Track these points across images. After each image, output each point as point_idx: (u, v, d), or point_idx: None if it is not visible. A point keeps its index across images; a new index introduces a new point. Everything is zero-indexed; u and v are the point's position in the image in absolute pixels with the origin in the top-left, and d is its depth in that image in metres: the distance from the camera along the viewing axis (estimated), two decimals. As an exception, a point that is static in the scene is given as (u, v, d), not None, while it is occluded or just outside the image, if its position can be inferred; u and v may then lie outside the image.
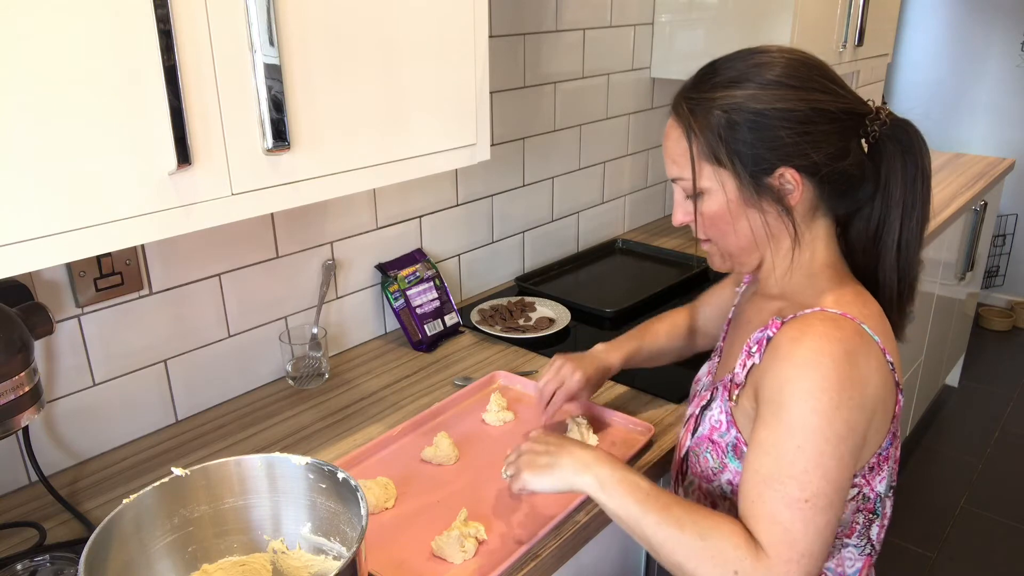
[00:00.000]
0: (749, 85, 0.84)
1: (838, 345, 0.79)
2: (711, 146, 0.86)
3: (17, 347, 0.87)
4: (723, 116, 0.85)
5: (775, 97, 0.83)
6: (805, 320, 0.83)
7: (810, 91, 0.84)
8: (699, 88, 0.88)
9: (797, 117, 0.83)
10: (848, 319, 0.82)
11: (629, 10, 2.02)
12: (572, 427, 1.19)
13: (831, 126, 0.84)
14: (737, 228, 0.89)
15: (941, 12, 3.80)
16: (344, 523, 0.85)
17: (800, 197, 0.86)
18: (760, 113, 0.83)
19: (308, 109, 0.90)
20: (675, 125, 0.90)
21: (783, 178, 0.85)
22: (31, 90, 0.68)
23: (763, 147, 0.84)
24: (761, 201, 0.87)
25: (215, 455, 1.18)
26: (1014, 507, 2.54)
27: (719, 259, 0.95)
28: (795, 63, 0.86)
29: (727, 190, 0.87)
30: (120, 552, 0.77)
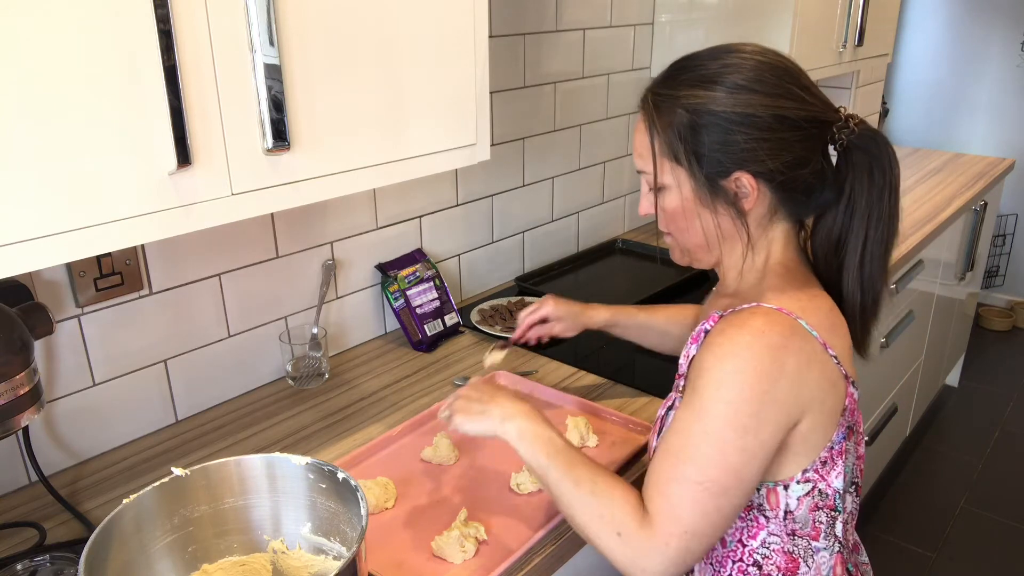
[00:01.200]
0: (715, 87, 0.84)
1: (761, 338, 0.80)
2: (671, 144, 0.87)
3: (17, 347, 0.87)
4: (685, 116, 0.85)
5: (738, 101, 0.83)
6: (739, 314, 0.84)
7: (776, 97, 0.84)
8: (667, 84, 0.89)
9: (758, 123, 0.83)
10: (783, 314, 0.83)
11: (629, 10, 2.02)
12: (572, 427, 1.19)
13: (792, 134, 0.84)
14: (692, 226, 0.91)
15: (941, 12, 3.80)
16: (344, 523, 0.86)
17: (755, 201, 0.87)
18: (721, 116, 0.84)
19: (308, 109, 0.90)
20: (641, 118, 0.91)
21: (739, 182, 0.86)
22: (31, 90, 0.68)
23: (721, 151, 0.85)
24: (716, 203, 0.88)
25: (215, 455, 1.18)
26: (1014, 507, 2.54)
27: (679, 253, 0.97)
28: (765, 67, 0.85)
29: (683, 189, 0.88)
30: (120, 552, 0.77)
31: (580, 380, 1.40)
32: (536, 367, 1.44)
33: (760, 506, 0.87)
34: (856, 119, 0.88)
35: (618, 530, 0.82)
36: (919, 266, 2.24)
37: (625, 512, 0.82)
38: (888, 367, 2.31)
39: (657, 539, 0.80)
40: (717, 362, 0.81)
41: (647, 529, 0.80)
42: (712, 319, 0.88)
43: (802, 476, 0.85)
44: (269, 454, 0.86)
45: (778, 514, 0.87)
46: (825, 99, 0.89)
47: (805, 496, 0.86)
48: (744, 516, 0.89)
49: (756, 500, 0.87)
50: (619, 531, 0.82)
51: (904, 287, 2.16)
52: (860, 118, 0.88)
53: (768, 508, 0.87)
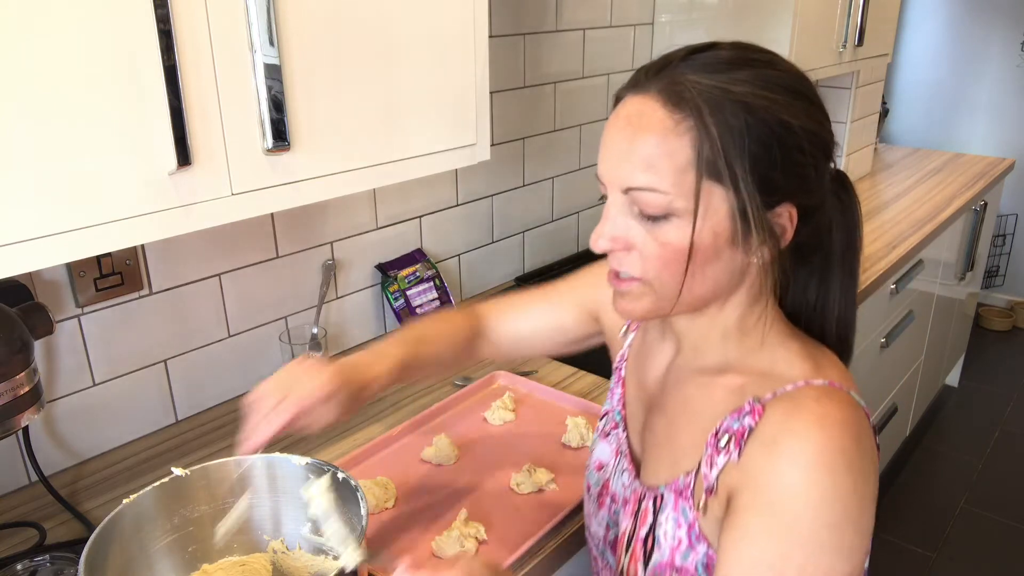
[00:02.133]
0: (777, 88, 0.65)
1: (846, 433, 0.63)
2: (727, 154, 0.63)
3: (17, 347, 0.87)
4: (744, 117, 0.63)
5: (799, 111, 0.65)
6: (795, 401, 0.66)
7: (824, 114, 0.69)
8: (715, 73, 0.65)
9: (817, 142, 0.67)
10: (838, 389, 0.67)
11: (629, 10, 2.02)
12: (572, 427, 1.19)
13: (827, 163, 0.70)
14: (707, 270, 0.68)
15: (941, 12, 3.80)
16: (344, 523, 0.85)
17: (788, 242, 0.69)
18: (789, 128, 0.65)
19: (308, 109, 0.90)
20: (663, 111, 0.65)
21: (781, 217, 0.67)
22: (31, 90, 0.68)
23: (782, 171, 0.65)
24: (752, 240, 0.67)
25: (215, 455, 1.18)
26: (1014, 507, 2.54)
27: (647, 304, 0.70)
28: (803, 74, 0.70)
29: (719, 218, 0.65)
30: (120, 552, 0.77)
31: (580, 380, 1.40)
32: (536, 367, 1.44)
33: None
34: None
35: None
36: (919, 266, 2.24)
37: None
38: (888, 367, 2.31)
39: None
40: (808, 477, 0.62)
41: None
42: (754, 412, 0.67)
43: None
44: (269, 454, 0.86)
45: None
46: None
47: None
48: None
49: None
50: None
51: (904, 287, 2.16)
52: None
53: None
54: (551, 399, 1.32)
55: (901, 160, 2.99)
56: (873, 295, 1.93)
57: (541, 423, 1.25)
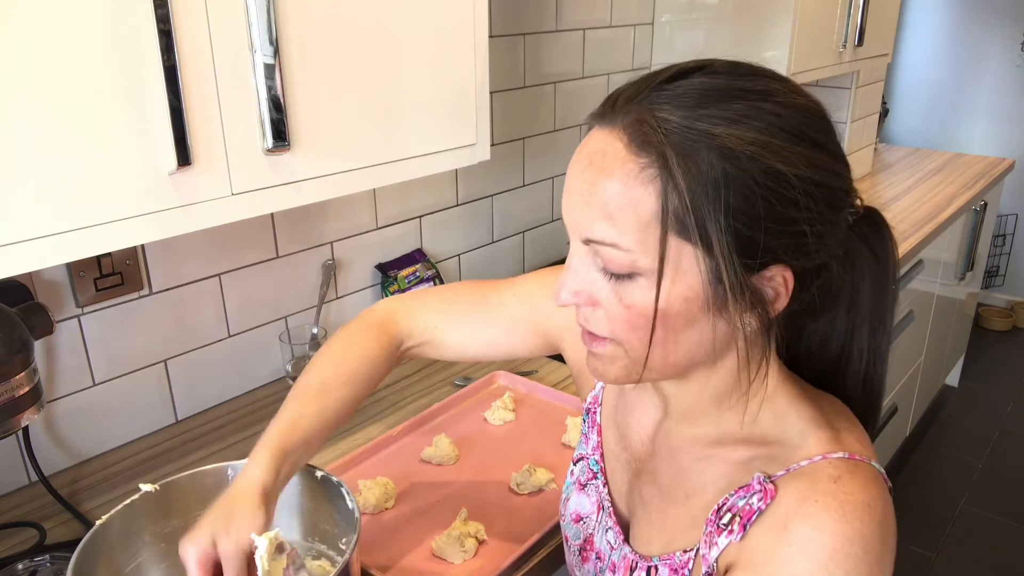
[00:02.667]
0: (770, 128, 0.54)
1: (867, 517, 0.57)
2: (697, 210, 0.53)
3: (17, 347, 0.87)
4: (721, 165, 0.53)
5: (801, 158, 0.54)
6: (812, 480, 0.58)
7: (834, 158, 0.57)
8: (676, 103, 0.55)
9: (822, 195, 0.56)
10: (859, 462, 0.60)
11: (629, 10, 2.02)
12: (572, 427, 1.19)
13: (840, 214, 0.59)
14: (680, 337, 0.59)
15: (941, 12, 3.80)
16: (325, 521, 0.85)
17: (782, 309, 0.59)
18: (781, 178, 0.53)
19: (308, 109, 0.90)
20: (626, 154, 0.55)
21: (772, 281, 0.57)
22: (31, 90, 0.68)
23: (772, 231, 0.54)
24: (735, 307, 0.57)
25: (215, 455, 1.18)
26: (1014, 507, 2.54)
27: (621, 368, 0.62)
28: (816, 111, 0.57)
29: (690, 281, 0.56)
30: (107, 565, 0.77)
31: (580, 380, 1.39)
32: (536, 367, 1.44)
33: None
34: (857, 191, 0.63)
35: None
36: (919, 266, 2.24)
37: None
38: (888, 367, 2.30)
39: None
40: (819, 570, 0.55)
41: None
42: (766, 493, 0.59)
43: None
44: (239, 461, 0.85)
45: None
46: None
47: None
48: None
49: None
50: None
51: (904, 287, 2.16)
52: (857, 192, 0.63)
53: None
54: (551, 399, 1.32)
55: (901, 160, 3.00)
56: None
57: (541, 423, 1.25)
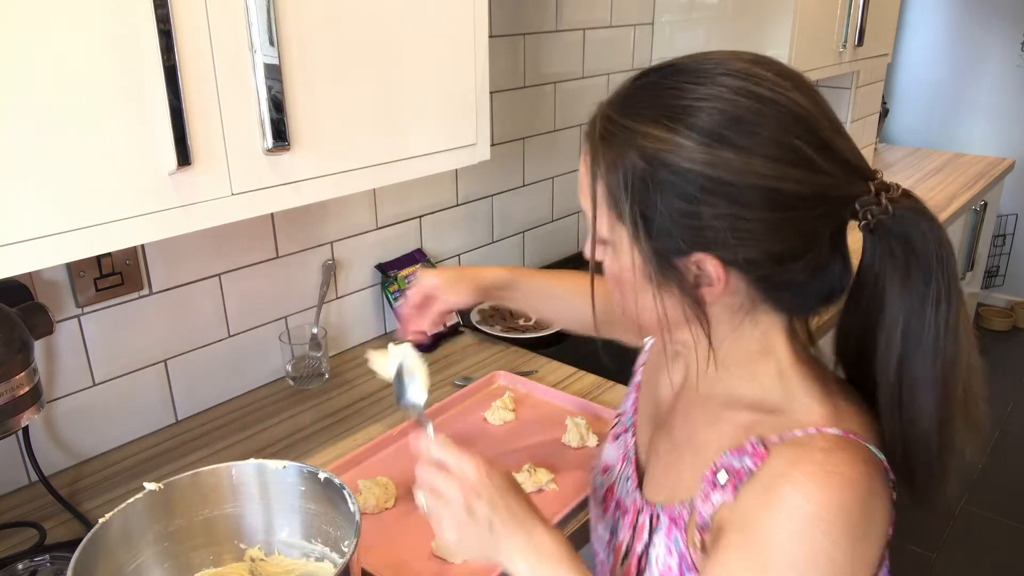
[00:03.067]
0: (683, 129, 0.59)
1: (852, 493, 0.59)
2: (615, 195, 0.63)
3: (17, 347, 0.87)
4: (639, 162, 0.61)
5: (713, 159, 0.58)
6: (803, 450, 0.61)
7: (768, 160, 0.59)
8: (626, 108, 0.63)
9: (735, 196, 0.59)
10: (853, 441, 0.62)
11: (629, 10, 2.02)
12: (572, 427, 1.19)
13: (785, 215, 0.60)
14: (635, 299, 0.67)
15: (941, 12, 3.80)
16: (327, 523, 0.85)
17: (722, 294, 0.64)
18: (684, 175, 0.59)
19: (308, 109, 0.90)
20: (585, 149, 0.67)
21: (701, 265, 0.63)
22: (31, 90, 0.68)
23: (677, 222, 0.61)
24: (666, 283, 0.64)
25: (215, 455, 1.18)
26: (1014, 507, 2.54)
27: (626, 322, 0.72)
28: (762, 107, 0.59)
29: (623, 254, 0.65)
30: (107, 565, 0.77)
31: (580, 380, 1.40)
32: (536, 367, 1.44)
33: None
34: (895, 191, 0.61)
35: None
36: (919, 266, 2.24)
37: None
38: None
39: None
40: (800, 533, 0.58)
41: None
42: (756, 455, 0.63)
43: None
44: (242, 461, 0.86)
45: None
46: (852, 159, 0.62)
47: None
48: None
49: None
50: None
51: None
52: (903, 190, 0.62)
53: None
54: (551, 399, 1.32)
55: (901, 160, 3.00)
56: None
57: (541, 423, 1.25)
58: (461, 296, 0.99)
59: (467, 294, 0.99)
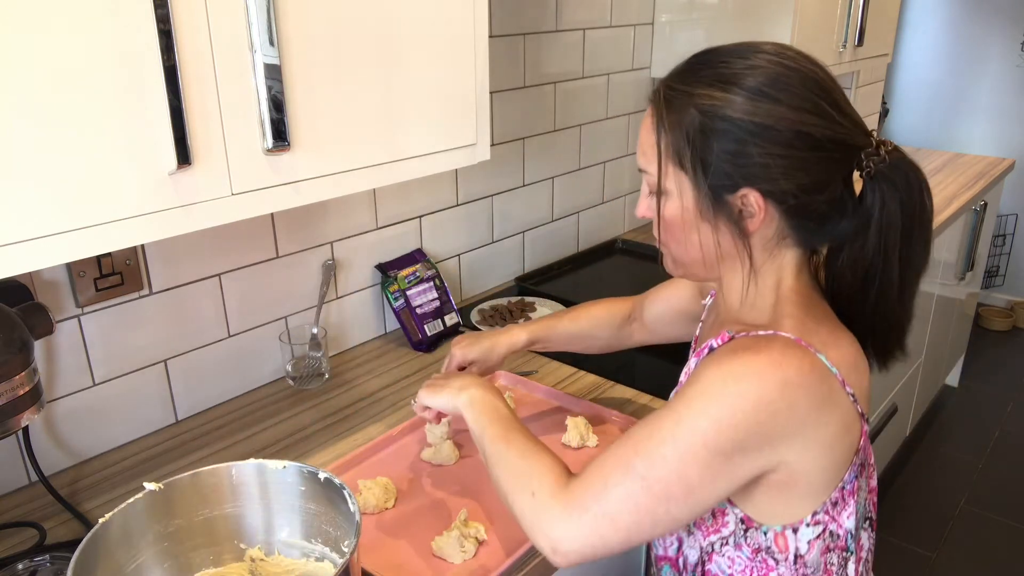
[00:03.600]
0: (734, 89, 0.76)
1: (776, 370, 0.73)
2: (677, 146, 0.79)
3: (17, 347, 0.87)
4: (697, 117, 0.77)
5: (758, 110, 0.75)
6: (755, 339, 0.78)
7: (800, 111, 0.76)
8: (683, 78, 0.80)
9: (775, 137, 0.75)
10: (802, 347, 0.76)
11: (629, 10, 2.02)
12: (572, 427, 1.19)
13: (812, 154, 0.76)
14: (688, 239, 0.83)
15: (941, 12, 3.80)
16: (327, 523, 0.85)
17: (761, 223, 0.79)
18: (736, 123, 0.76)
19: (308, 109, 0.90)
20: (650, 113, 0.83)
21: (746, 200, 0.78)
22: (31, 90, 0.68)
23: (730, 162, 0.77)
24: (717, 218, 0.80)
25: (215, 455, 1.18)
26: (1014, 507, 2.54)
27: (670, 263, 0.89)
28: (794, 75, 0.77)
29: (684, 197, 0.81)
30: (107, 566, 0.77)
31: (580, 380, 1.40)
32: (536, 367, 1.44)
33: (769, 549, 0.83)
34: (889, 146, 0.79)
35: (533, 490, 0.79)
36: (919, 266, 2.24)
37: (546, 475, 0.80)
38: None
39: (572, 508, 0.76)
40: (718, 377, 0.74)
41: (564, 495, 0.77)
42: (722, 337, 0.82)
43: (812, 519, 0.81)
44: (242, 462, 0.86)
45: (788, 557, 0.82)
46: (858, 120, 0.80)
47: (816, 539, 0.82)
48: (752, 558, 0.84)
49: (764, 543, 0.83)
50: (534, 491, 0.79)
51: (904, 287, 2.16)
52: (894, 145, 0.80)
53: (777, 551, 0.82)
54: (551, 399, 1.32)
55: (901, 160, 2.99)
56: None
57: (541, 423, 1.25)
58: (494, 365, 1.19)
59: (497, 366, 1.19)
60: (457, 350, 1.16)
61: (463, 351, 1.16)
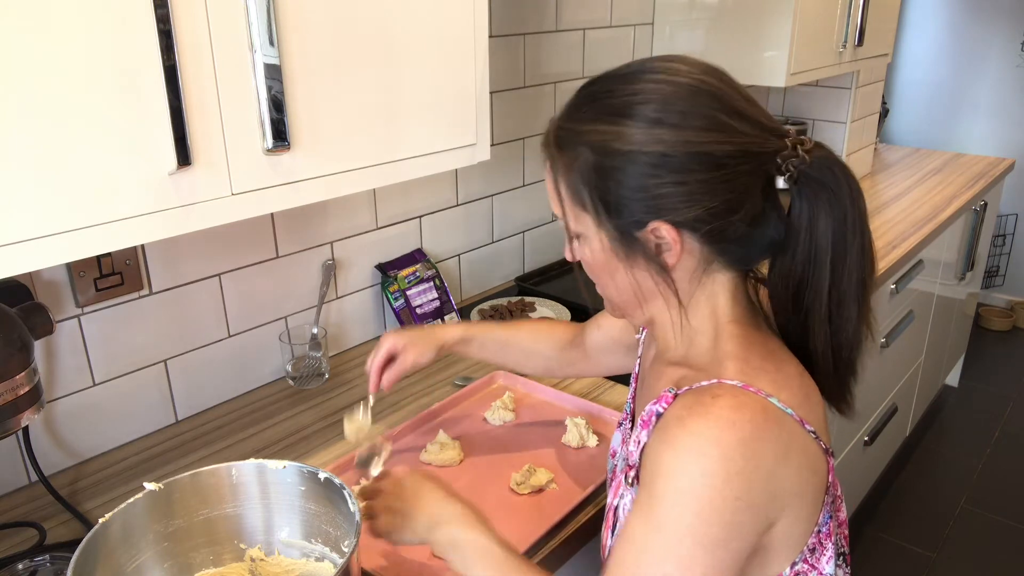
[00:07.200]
0: (623, 120, 0.71)
1: (731, 432, 0.66)
2: (575, 188, 0.74)
3: (17, 347, 0.87)
4: (590, 156, 0.72)
5: (650, 138, 0.70)
6: (698, 395, 0.70)
7: (694, 130, 0.69)
8: (572, 116, 0.76)
9: (671, 164, 0.69)
10: (751, 393, 0.69)
11: (629, 10, 2.02)
12: (571, 427, 1.19)
13: (715, 174, 0.70)
14: (615, 281, 0.78)
15: (941, 12, 3.80)
16: (327, 523, 0.85)
17: (680, 256, 0.73)
18: (628, 157, 0.70)
19: (308, 109, 0.90)
20: (545, 155, 0.78)
21: (657, 233, 0.72)
22: (31, 90, 0.68)
23: (631, 197, 0.71)
24: (633, 257, 0.74)
25: (215, 455, 1.18)
26: (1014, 507, 2.54)
27: (608, 305, 0.84)
28: (683, 92, 0.71)
29: (594, 240, 0.76)
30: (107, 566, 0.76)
31: (580, 380, 1.40)
32: (536, 367, 1.44)
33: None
34: (808, 144, 0.72)
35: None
36: (919, 266, 2.24)
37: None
38: (888, 367, 2.31)
39: None
40: (678, 463, 0.67)
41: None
42: (665, 399, 0.74)
43: (791, 571, 0.74)
44: (242, 462, 0.86)
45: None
46: (766, 122, 0.73)
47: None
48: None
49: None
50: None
51: (904, 287, 2.16)
52: (814, 142, 0.73)
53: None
54: (551, 399, 1.32)
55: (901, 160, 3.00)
56: (873, 295, 1.93)
57: (541, 423, 1.25)
58: (423, 356, 1.11)
59: (429, 353, 1.12)
60: (389, 337, 1.10)
61: (396, 339, 1.10)
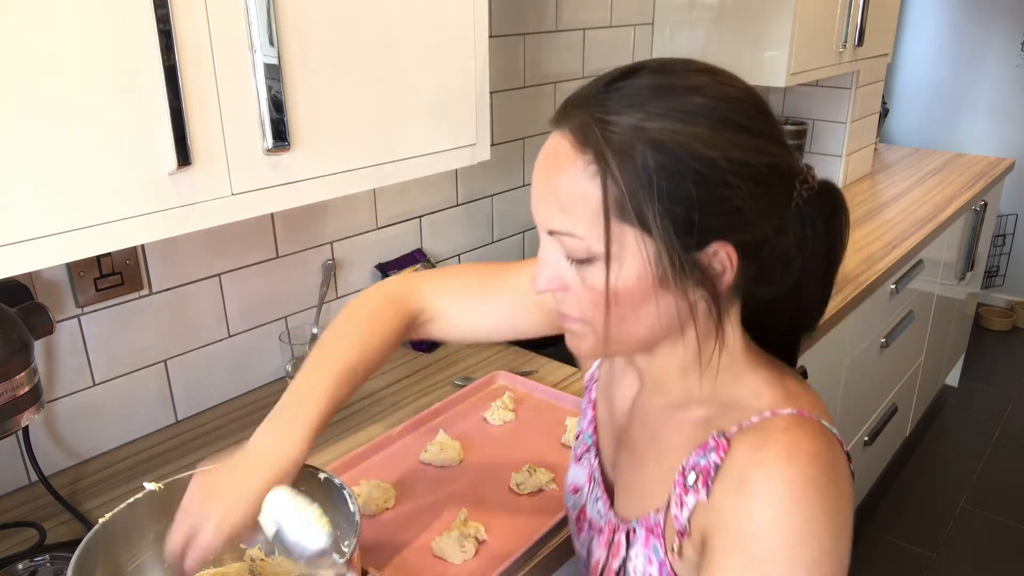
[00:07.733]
0: (696, 118, 0.59)
1: (816, 466, 0.60)
2: (634, 198, 0.59)
3: (17, 347, 0.87)
4: (655, 157, 0.59)
5: (727, 142, 0.59)
6: (762, 434, 0.63)
7: (765, 138, 0.62)
8: (622, 105, 0.61)
9: (751, 174, 0.60)
10: (809, 419, 0.64)
11: (629, 10, 2.01)
12: (571, 427, 1.19)
13: (781, 188, 0.63)
14: (640, 313, 0.64)
15: (941, 12, 3.80)
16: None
17: (731, 281, 0.64)
18: (710, 162, 0.59)
19: (308, 109, 0.90)
20: (573, 153, 0.61)
21: (716, 256, 0.62)
22: (31, 90, 0.68)
23: (706, 211, 0.60)
24: (684, 282, 0.62)
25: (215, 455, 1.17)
26: (1014, 507, 2.54)
27: (596, 344, 0.68)
28: (742, 95, 0.63)
29: (635, 262, 0.61)
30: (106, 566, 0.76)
31: (580, 380, 1.40)
32: (536, 367, 1.44)
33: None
34: (812, 169, 0.67)
35: None
36: (919, 266, 2.24)
37: None
38: (888, 367, 2.31)
39: None
40: (781, 513, 0.59)
41: None
42: (720, 447, 0.64)
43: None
44: None
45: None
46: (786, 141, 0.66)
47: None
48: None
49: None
50: None
51: (904, 287, 2.16)
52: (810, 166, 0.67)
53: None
54: (551, 399, 1.32)
55: (901, 160, 3.00)
56: (873, 295, 1.93)
57: (541, 423, 1.25)
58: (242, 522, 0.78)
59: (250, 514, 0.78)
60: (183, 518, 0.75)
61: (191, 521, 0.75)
